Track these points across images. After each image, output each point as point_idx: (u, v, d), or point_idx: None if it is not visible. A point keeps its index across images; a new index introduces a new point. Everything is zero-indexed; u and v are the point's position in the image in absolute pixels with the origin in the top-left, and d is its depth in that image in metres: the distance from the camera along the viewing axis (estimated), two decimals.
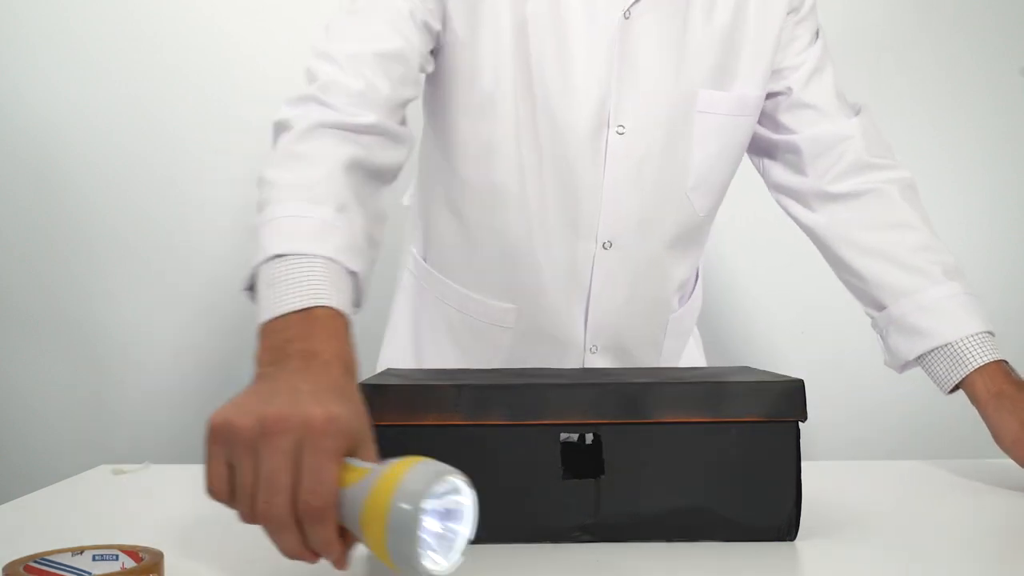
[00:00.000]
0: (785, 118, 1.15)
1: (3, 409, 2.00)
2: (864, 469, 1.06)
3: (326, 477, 0.58)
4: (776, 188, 1.21)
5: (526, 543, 0.74)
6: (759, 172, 1.23)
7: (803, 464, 0.76)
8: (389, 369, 0.94)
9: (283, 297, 0.71)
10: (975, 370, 1.02)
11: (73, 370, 1.99)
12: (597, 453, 0.75)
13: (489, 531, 0.74)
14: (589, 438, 0.77)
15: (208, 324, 1.93)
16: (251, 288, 0.76)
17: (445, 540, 0.58)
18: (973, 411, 1.04)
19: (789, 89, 1.13)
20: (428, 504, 0.55)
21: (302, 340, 0.67)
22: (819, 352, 2.00)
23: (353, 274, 0.76)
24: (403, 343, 1.26)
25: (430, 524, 0.56)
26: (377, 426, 0.74)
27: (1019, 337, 2.03)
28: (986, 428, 1.01)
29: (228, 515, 0.86)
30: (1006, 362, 1.04)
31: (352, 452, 0.61)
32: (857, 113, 1.16)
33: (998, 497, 0.92)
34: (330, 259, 0.73)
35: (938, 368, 1.06)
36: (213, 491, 0.62)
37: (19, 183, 1.97)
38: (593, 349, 1.15)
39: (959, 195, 2.04)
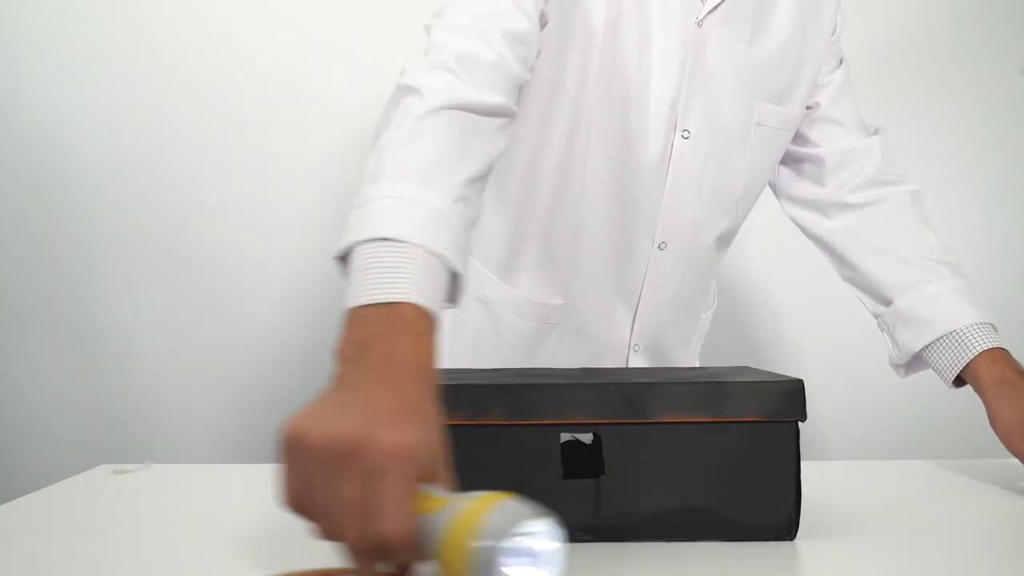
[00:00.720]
0: (812, 132, 1.19)
1: (3, 409, 2.00)
2: (864, 469, 1.06)
3: (402, 507, 0.55)
4: (792, 198, 1.24)
5: None
6: (773, 180, 1.26)
7: (803, 464, 0.76)
8: None
9: (377, 286, 0.66)
10: (978, 355, 1.03)
11: (73, 370, 1.99)
12: (597, 453, 0.75)
13: None
14: (587, 438, 0.77)
15: (208, 324, 1.93)
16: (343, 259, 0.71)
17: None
18: (973, 411, 1.04)
19: (817, 104, 1.18)
20: (510, 543, 0.52)
21: (385, 341, 0.63)
22: (819, 352, 2.00)
23: (455, 274, 0.72)
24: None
25: (513, 569, 0.53)
26: None
27: (1020, 337, 2.04)
28: (986, 429, 1.01)
29: (228, 515, 0.86)
30: (1008, 352, 1.05)
31: (428, 479, 0.58)
32: (875, 133, 1.22)
33: (998, 497, 0.92)
34: (435, 254, 0.69)
35: (942, 358, 1.07)
36: (288, 504, 0.59)
37: (19, 183, 1.97)
38: (636, 348, 1.17)
39: (959, 195, 2.04)
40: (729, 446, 0.75)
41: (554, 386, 0.75)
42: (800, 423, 0.75)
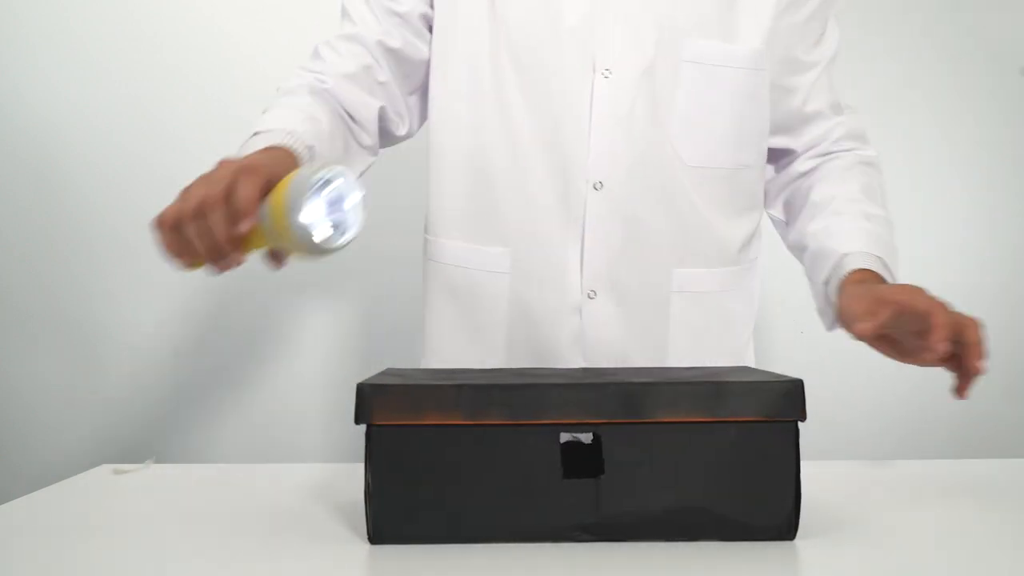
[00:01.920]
0: (790, 139, 1.22)
1: (3, 409, 2.00)
2: (864, 469, 1.06)
3: (249, 186, 0.81)
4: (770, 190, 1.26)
5: (526, 543, 0.75)
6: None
7: (803, 464, 0.76)
8: (389, 369, 0.94)
9: (247, 149, 0.96)
10: (855, 270, 1.05)
11: (73, 370, 1.99)
12: (597, 453, 0.75)
13: (489, 531, 0.74)
14: (587, 438, 0.77)
15: (208, 324, 1.93)
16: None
17: (337, 217, 0.76)
18: (973, 411, 1.04)
19: (798, 108, 1.20)
20: (310, 196, 0.75)
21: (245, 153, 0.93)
22: (819, 352, 1.99)
23: (310, 147, 0.99)
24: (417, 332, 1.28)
25: (318, 206, 0.75)
26: (377, 426, 0.74)
27: (1020, 337, 2.04)
28: (987, 429, 1.01)
29: (228, 516, 0.86)
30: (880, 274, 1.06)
31: (272, 180, 0.83)
32: (842, 112, 1.22)
33: (998, 497, 0.92)
34: (291, 131, 0.98)
35: (830, 285, 1.09)
36: (169, 215, 0.86)
37: (19, 183, 1.97)
38: (591, 295, 1.14)
39: (959, 195, 2.04)
40: (729, 446, 0.75)
41: (554, 386, 0.75)
42: (800, 423, 0.75)
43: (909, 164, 2.04)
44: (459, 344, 1.20)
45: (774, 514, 0.75)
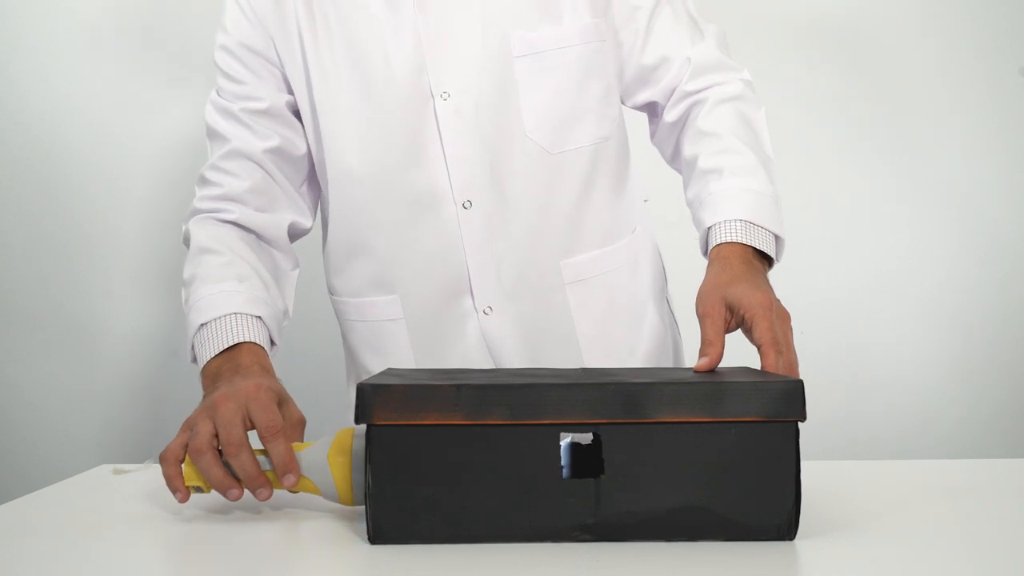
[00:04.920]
0: (639, 90, 1.20)
1: (3, 408, 2.00)
2: (864, 469, 1.06)
3: (273, 408, 0.85)
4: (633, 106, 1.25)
5: (526, 543, 0.74)
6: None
7: (803, 464, 0.76)
8: (389, 369, 0.94)
9: (210, 348, 1.01)
10: (715, 247, 1.04)
11: (73, 370, 1.99)
12: (597, 453, 0.75)
13: (489, 531, 0.74)
14: (584, 438, 0.77)
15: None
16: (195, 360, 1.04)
17: None
18: (973, 411, 1.04)
19: (637, 60, 1.17)
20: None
21: (230, 362, 0.98)
22: (819, 352, 2.00)
23: (258, 317, 1.04)
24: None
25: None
26: (377, 426, 0.74)
27: (1020, 337, 2.04)
28: (987, 429, 1.01)
29: (228, 516, 0.86)
30: (748, 247, 1.04)
31: (281, 404, 0.88)
32: (691, 46, 1.18)
33: (998, 497, 0.92)
34: (236, 313, 1.03)
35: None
36: (166, 456, 0.84)
37: (20, 182, 1.97)
38: (487, 311, 1.15)
39: (959, 194, 2.04)
40: (729, 446, 0.75)
41: (554, 386, 0.75)
42: (800, 423, 0.75)
43: (908, 164, 2.04)
44: None
45: (774, 514, 0.75)
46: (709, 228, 1.06)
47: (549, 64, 1.12)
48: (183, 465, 0.83)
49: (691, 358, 1.30)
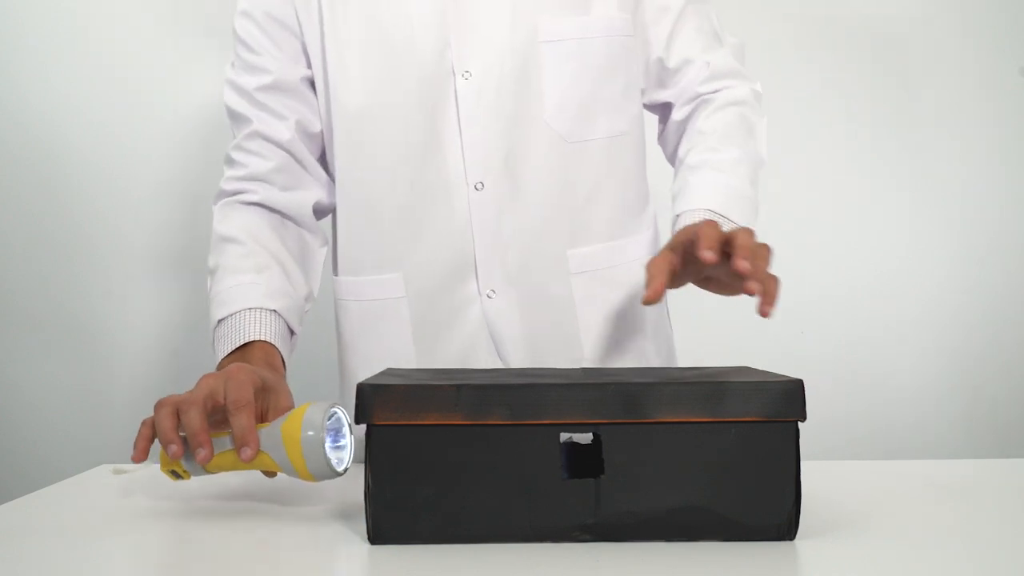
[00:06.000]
0: (661, 91, 1.23)
1: (4, 408, 2.00)
2: (864, 469, 1.06)
3: (247, 387, 0.85)
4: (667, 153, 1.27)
5: (526, 543, 0.75)
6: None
7: (803, 464, 0.76)
8: (389, 369, 0.94)
9: (225, 345, 1.04)
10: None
11: (74, 370, 1.99)
12: (597, 453, 0.75)
13: (489, 531, 0.74)
14: (586, 438, 0.77)
15: (208, 324, 1.93)
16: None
17: (338, 448, 0.83)
18: (972, 411, 1.04)
19: (660, 60, 1.20)
20: (323, 427, 0.81)
21: (241, 359, 1.00)
22: (819, 352, 2.00)
23: (274, 311, 1.07)
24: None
25: (327, 442, 0.82)
26: (377, 426, 0.74)
27: (1020, 337, 2.04)
28: (987, 429, 1.01)
29: (228, 516, 0.86)
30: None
31: (266, 391, 0.90)
32: (712, 51, 1.20)
33: (998, 497, 0.92)
34: (251, 308, 1.05)
35: None
36: (145, 421, 0.87)
37: (20, 182, 1.97)
38: (491, 294, 1.14)
39: (959, 194, 2.04)
40: (729, 446, 0.75)
41: (554, 386, 0.75)
42: (800, 423, 0.75)
43: (908, 164, 2.04)
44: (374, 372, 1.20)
45: (774, 514, 0.75)
46: (678, 215, 1.09)
47: (573, 52, 1.13)
48: (161, 450, 0.86)
49: (683, 357, 1.30)
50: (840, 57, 2.02)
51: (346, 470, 0.84)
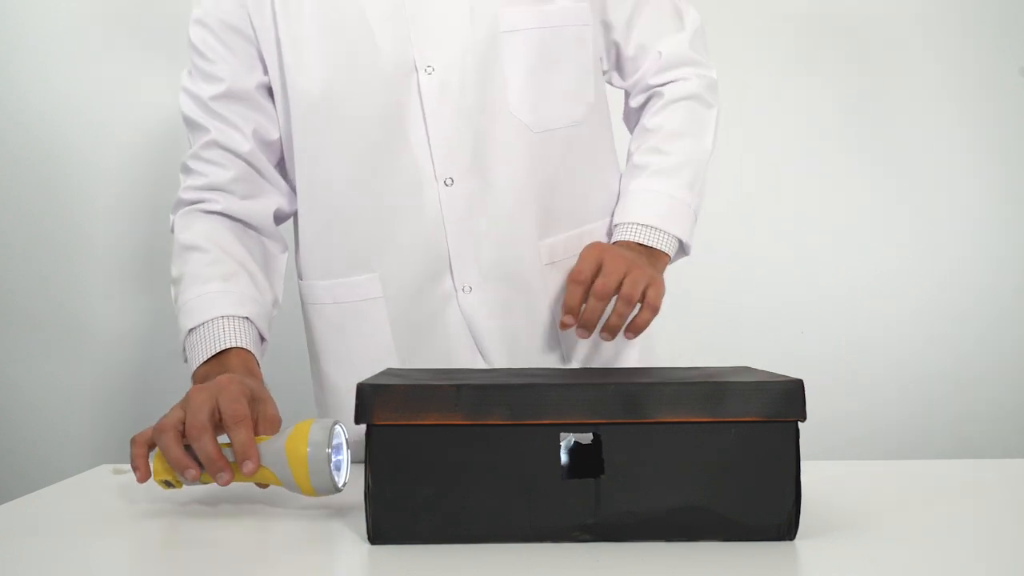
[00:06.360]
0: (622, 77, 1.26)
1: (4, 408, 2.00)
2: (864, 469, 1.06)
3: (241, 399, 0.86)
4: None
5: (526, 543, 0.75)
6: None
7: (803, 464, 0.76)
8: (389, 369, 0.94)
9: (199, 354, 1.04)
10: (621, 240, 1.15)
11: (73, 370, 1.99)
12: (597, 453, 0.75)
13: (489, 531, 0.74)
14: (584, 438, 0.77)
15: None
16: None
17: (338, 464, 0.85)
18: (973, 411, 1.04)
19: (616, 44, 1.22)
20: (328, 444, 0.83)
21: (218, 366, 1.02)
22: (819, 352, 2.00)
23: (246, 318, 1.07)
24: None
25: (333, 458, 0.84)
26: (377, 426, 0.74)
27: (1020, 337, 2.04)
28: (987, 429, 1.01)
29: (228, 516, 0.86)
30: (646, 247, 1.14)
31: (254, 400, 0.89)
32: (667, 37, 1.22)
33: (998, 497, 0.92)
34: (223, 316, 1.05)
35: None
36: (135, 439, 0.88)
37: (20, 182, 1.97)
38: (467, 289, 1.13)
39: (959, 194, 2.04)
40: (729, 446, 0.75)
41: (554, 386, 0.75)
42: (800, 423, 0.75)
43: (908, 164, 2.04)
44: (354, 376, 1.18)
45: (774, 514, 0.75)
46: (615, 226, 1.17)
47: (534, 41, 1.12)
48: (154, 460, 0.86)
49: (683, 357, 1.30)
50: (840, 57, 2.02)
51: (344, 485, 0.85)
